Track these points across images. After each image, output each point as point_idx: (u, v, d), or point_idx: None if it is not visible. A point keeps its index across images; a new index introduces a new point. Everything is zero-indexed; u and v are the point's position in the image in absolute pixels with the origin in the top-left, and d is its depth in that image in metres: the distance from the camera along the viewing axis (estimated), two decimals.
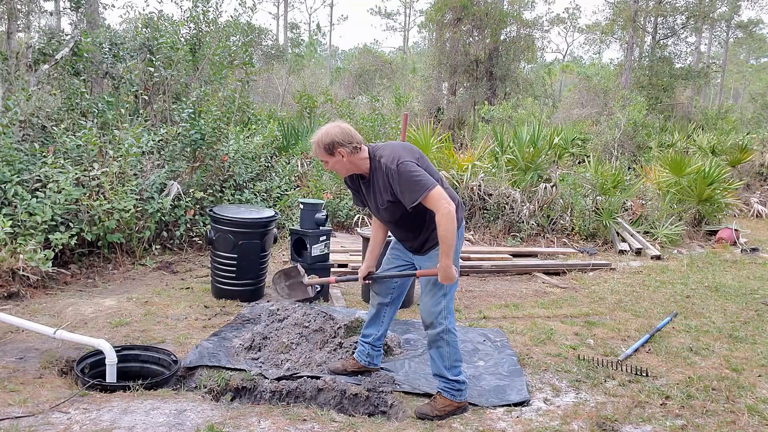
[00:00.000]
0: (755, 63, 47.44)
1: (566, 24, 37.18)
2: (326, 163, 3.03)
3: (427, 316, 3.15)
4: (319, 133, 3.00)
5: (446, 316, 3.13)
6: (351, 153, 2.96)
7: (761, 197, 13.24)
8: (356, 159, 2.99)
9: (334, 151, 2.95)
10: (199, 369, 3.65)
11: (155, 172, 6.62)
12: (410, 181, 2.84)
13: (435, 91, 20.32)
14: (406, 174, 2.84)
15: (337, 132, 2.95)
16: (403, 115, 5.37)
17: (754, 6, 48.84)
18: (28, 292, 4.97)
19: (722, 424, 3.19)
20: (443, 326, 3.12)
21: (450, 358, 3.17)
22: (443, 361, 3.17)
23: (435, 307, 3.11)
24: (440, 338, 3.15)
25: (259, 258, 5.19)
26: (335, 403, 3.41)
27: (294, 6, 50.02)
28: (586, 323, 4.93)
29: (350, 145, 2.95)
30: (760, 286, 6.52)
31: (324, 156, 3.00)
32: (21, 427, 2.76)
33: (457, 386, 3.20)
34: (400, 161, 2.87)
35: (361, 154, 3.00)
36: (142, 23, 9.08)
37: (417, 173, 2.84)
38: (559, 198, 8.87)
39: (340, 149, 2.94)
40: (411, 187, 2.84)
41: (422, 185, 2.83)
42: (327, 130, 2.98)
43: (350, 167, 3.03)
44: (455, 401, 3.18)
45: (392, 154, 2.93)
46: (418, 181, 2.83)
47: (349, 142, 2.94)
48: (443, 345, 3.16)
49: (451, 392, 3.19)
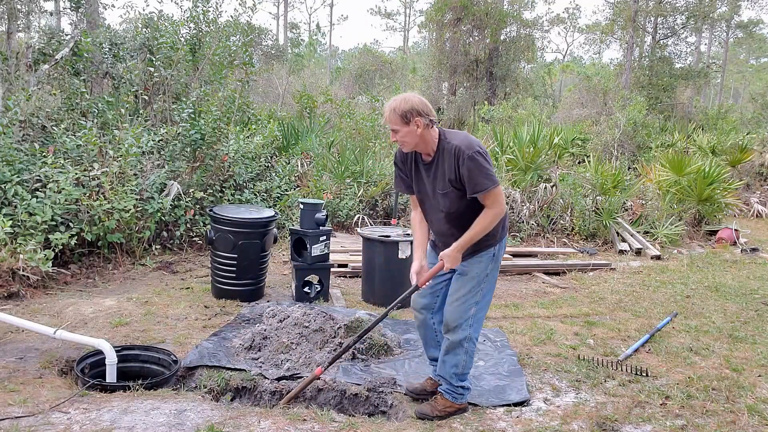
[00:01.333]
0: (755, 63, 47.46)
1: (566, 24, 37.24)
2: (395, 132, 2.87)
3: (453, 319, 3.01)
4: (398, 99, 2.86)
5: (472, 324, 3.01)
6: (426, 126, 2.84)
7: (761, 197, 13.24)
8: (428, 134, 2.86)
9: (411, 119, 2.81)
10: (199, 369, 3.65)
11: (155, 172, 6.62)
12: (481, 171, 2.78)
13: (435, 91, 20.33)
14: (478, 163, 2.77)
15: (418, 101, 2.84)
16: None
17: (754, 6, 48.87)
18: (28, 292, 4.97)
19: (722, 424, 3.19)
20: (467, 334, 3.01)
21: (464, 367, 3.09)
22: (456, 369, 3.08)
23: (465, 312, 2.99)
24: (460, 345, 3.03)
25: (259, 258, 5.19)
26: (335, 403, 3.41)
27: (294, 6, 50.02)
28: (586, 323, 4.93)
29: (428, 117, 2.83)
30: (760, 286, 6.52)
31: (398, 124, 2.84)
32: (21, 427, 2.76)
33: (461, 391, 3.16)
34: (476, 150, 2.79)
35: (434, 132, 2.88)
36: (142, 23, 9.08)
37: (488, 166, 2.81)
38: (559, 198, 8.87)
39: (418, 119, 2.81)
40: (479, 177, 2.78)
41: (491, 179, 2.79)
42: (406, 97, 2.85)
43: (419, 142, 2.88)
44: (456, 403, 3.16)
45: (468, 140, 2.85)
46: (487, 173, 2.79)
47: (427, 114, 2.83)
48: (461, 353, 3.05)
49: (453, 395, 3.16)
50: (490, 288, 3.07)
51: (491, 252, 3.00)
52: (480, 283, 3.01)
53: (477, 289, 3.00)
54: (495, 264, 3.03)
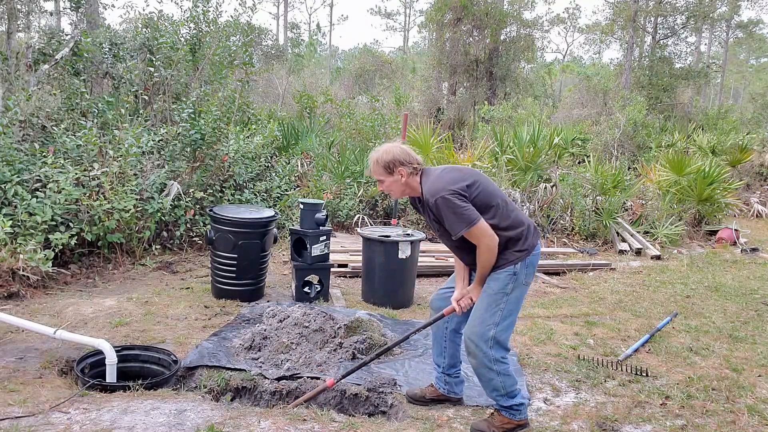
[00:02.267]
0: (755, 63, 47.44)
1: (566, 24, 37.18)
2: (381, 182, 2.93)
3: (471, 340, 2.87)
4: (380, 151, 2.91)
5: (492, 345, 2.84)
6: (410, 174, 2.87)
7: (761, 197, 13.25)
8: (413, 181, 2.90)
9: (394, 170, 2.86)
10: (199, 369, 3.65)
11: (155, 172, 6.62)
12: (449, 216, 2.76)
13: (435, 91, 20.31)
14: (443, 209, 2.75)
15: (399, 151, 2.88)
16: (403, 115, 5.38)
17: (754, 6, 48.81)
18: (28, 292, 4.97)
19: (722, 424, 3.19)
20: (489, 356, 2.84)
21: (505, 388, 2.91)
22: (497, 392, 2.93)
23: (484, 333, 2.84)
24: (489, 369, 2.86)
25: (259, 258, 5.19)
26: (335, 403, 3.41)
27: (294, 6, 50.02)
28: (586, 323, 4.93)
29: (410, 165, 2.86)
30: (760, 286, 6.52)
31: (382, 174, 2.90)
32: (21, 427, 2.76)
33: (516, 408, 2.98)
34: (439, 195, 2.75)
35: (418, 177, 2.90)
36: (142, 23, 9.08)
37: (456, 208, 2.73)
38: (559, 198, 8.87)
39: (401, 168, 2.86)
40: (450, 221, 2.77)
41: (463, 219, 2.74)
42: (388, 148, 2.91)
43: (406, 189, 2.93)
44: (514, 419, 2.97)
45: (435, 186, 2.80)
46: (458, 216, 2.74)
47: (409, 162, 2.86)
48: (494, 376, 2.88)
49: (509, 412, 2.98)
50: (512, 309, 2.89)
51: (510, 270, 2.85)
52: (498, 302, 2.85)
53: (495, 309, 2.85)
54: (516, 283, 2.86)
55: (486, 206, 2.82)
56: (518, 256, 2.85)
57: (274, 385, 3.48)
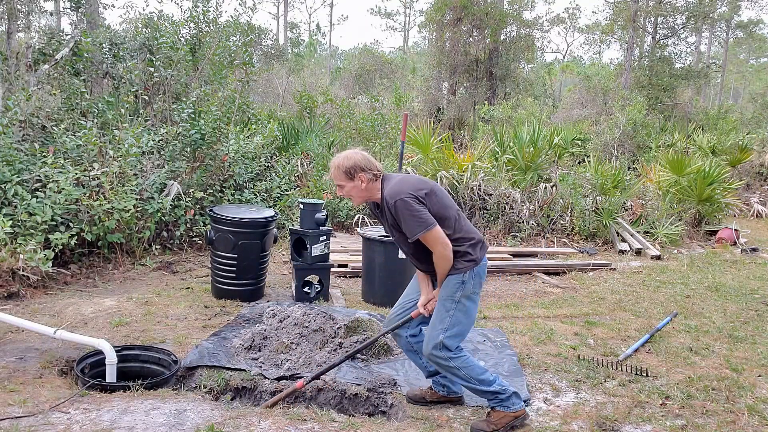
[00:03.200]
0: (755, 63, 47.42)
1: (566, 24, 37.18)
2: (341, 187, 2.98)
3: (424, 347, 3.03)
4: (340, 157, 2.97)
5: (441, 348, 2.96)
6: (370, 180, 2.94)
7: (761, 197, 13.25)
8: (373, 187, 2.96)
9: (355, 175, 2.92)
10: (199, 369, 3.65)
11: (155, 172, 6.62)
12: (406, 218, 2.84)
13: (435, 91, 20.31)
14: (402, 211, 2.83)
15: (360, 157, 2.94)
16: (403, 115, 5.38)
17: (754, 6, 48.83)
18: (28, 292, 4.97)
19: (722, 424, 3.19)
20: (439, 356, 2.97)
21: (471, 377, 3.01)
22: (468, 383, 3.03)
23: (435, 338, 2.97)
24: (447, 367, 3.00)
25: (259, 258, 5.19)
26: (335, 403, 3.41)
27: (294, 6, 50.03)
28: (586, 323, 4.93)
29: (371, 171, 2.93)
30: (760, 286, 6.52)
31: (343, 180, 2.95)
32: (21, 427, 2.76)
33: (501, 396, 3.03)
34: (398, 198, 2.83)
35: (377, 184, 2.97)
36: (142, 23, 9.08)
37: (414, 212, 2.82)
38: (559, 198, 8.87)
39: (361, 174, 2.92)
40: (406, 224, 2.85)
41: (420, 224, 2.82)
42: (348, 154, 2.97)
43: (366, 195, 2.99)
44: (510, 411, 3.02)
45: (395, 188, 2.89)
46: (415, 219, 2.82)
47: (370, 168, 2.93)
48: (456, 371, 3.00)
49: (501, 404, 3.03)
50: (461, 318, 2.98)
51: (459, 279, 2.95)
52: (448, 309, 2.96)
53: (444, 315, 2.96)
54: (464, 292, 2.95)
55: (441, 217, 2.90)
56: (466, 266, 2.96)
57: (274, 385, 3.48)
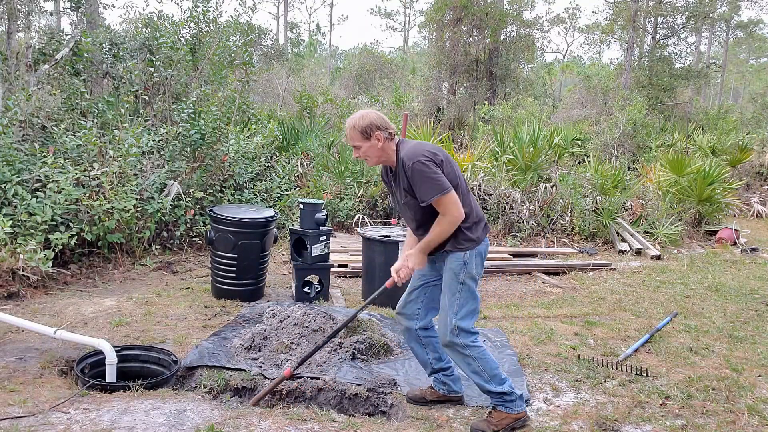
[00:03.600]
0: (755, 63, 47.42)
1: (566, 24, 37.17)
2: (357, 148, 2.92)
3: (442, 334, 3.02)
4: (356, 117, 2.90)
5: (458, 334, 2.95)
6: (386, 139, 2.89)
7: (761, 197, 13.25)
8: (389, 147, 2.91)
9: (371, 134, 2.86)
10: (199, 369, 3.65)
11: (155, 172, 6.62)
12: (424, 181, 2.79)
13: (435, 91, 20.31)
14: (419, 173, 2.79)
15: (375, 116, 2.89)
16: (403, 115, 5.38)
17: (754, 6, 48.82)
18: (28, 292, 4.97)
19: (722, 424, 3.19)
20: (457, 342, 2.96)
21: (485, 370, 2.99)
22: (480, 377, 3.01)
23: (448, 324, 2.97)
24: (463, 356, 2.98)
25: (259, 258, 5.19)
26: (335, 403, 3.41)
27: (294, 6, 50.03)
28: (586, 323, 4.93)
29: (386, 130, 2.88)
30: (760, 286, 6.52)
31: (359, 140, 2.88)
32: (21, 427, 2.76)
33: (508, 397, 3.02)
34: (417, 159, 2.80)
35: (393, 144, 2.93)
36: (142, 23, 9.09)
37: (432, 174, 2.78)
38: (559, 198, 8.87)
39: (377, 133, 2.86)
40: (423, 186, 2.79)
41: (436, 187, 2.78)
42: (363, 114, 2.91)
43: (381, 155, 2.92)
44: (511, 413, 3.01)
45: (413, 150, 2.85)
46: (432, 182, 2.78)
47: (386, 127, 2.88)
48: (471, 361, 2.98)
49: (504, 405, 3.02)
50: (468, 297, 2.98)
51: (461, 259, 2.94)
52: (453, 292, 2.97)
53: (452, 299, 2.97)
54: (467, 272, 2.95)
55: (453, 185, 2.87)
56: (468, 245, 2.94)
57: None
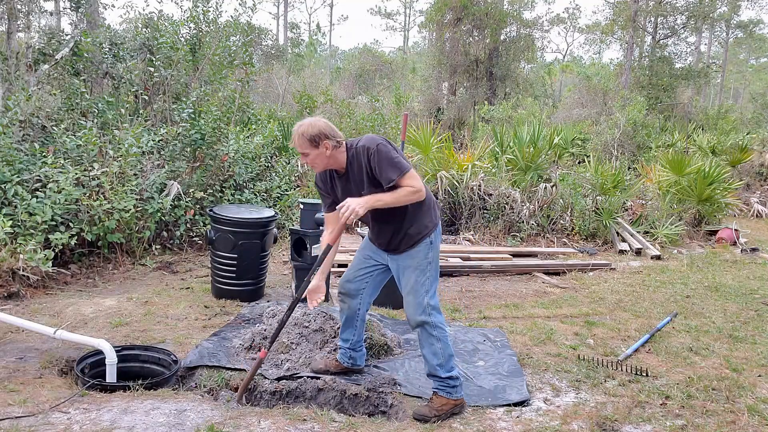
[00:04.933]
0: (755, 63, 47.41)
1: (566, 24, 37.18)
2: (306, 155, 3.00)
3: (412, 314, 3.15)
4: (304, 125, 2.98)
5: (430, 312, 3.12)
6: (334, 147, 2.97)
7: (761, 197, 13.25)
8: (337, 153, 3.01)
9: (320, 143, 2.94)
10: (199, 369, 3.65)
11: (155, 172, 6.62)
12: (389, 161, 2.91)
13: (435, 91, 20.32)
14: (385, 153, 2.92)
15: (324, 125, 2.97)
16: (403, 115, 5.37)
17: (754, 6, 48.85)
18: (28, 292, 4.97)
19: (722, 424, 3.19)
20: (429, 321, 3.12)
21: (443, 354, 3.16)
22: (437, 359, 3.16)
23: (420, 303, 3.12)
24: (429, 335, 3.14)
25: (259, 258, 5.19)
26: (335, 403, 3.41)
27: (294, 6, 50.05)
28: (586, 323, 4.93)
29: (335, 139, 2.96)
30: (760, 286, 6.52)
31: (307, 147, 2.97)
32: (21, 427, 2.76)
33: (452, 383, 3.18)
34: (378, 143, 2.95)
35: (341, 149, 3.02)
36: (142, 23, 9.08)
37: (395, 155, 2.94)
38: (559, 198, 8.87)
39: (326, 141, 2.94)
40: (389, 167, 2.91)
41: (401, 165, 2.92)
42: (312, 122, 2.98)
43: (329, 162, 3.03)
44: (452, 398, 3.17)
45: (369, 138, 3.01)
46: (396, 161, 2.92)
47: (334, 136, 2.97)
48: (434, 342, 3.15)
49: (446, 390, 3.18)
50: (435, 274, 3.18)
51: (428, 241, 3.13)
52: (424, 271, 3.12)
53: (423, 278, 3.12)
54: (435, 251, 3.16)
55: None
56: (431, 227, 3.14)
57: (274, 385, 3.48)
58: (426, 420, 3.08)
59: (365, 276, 3.37)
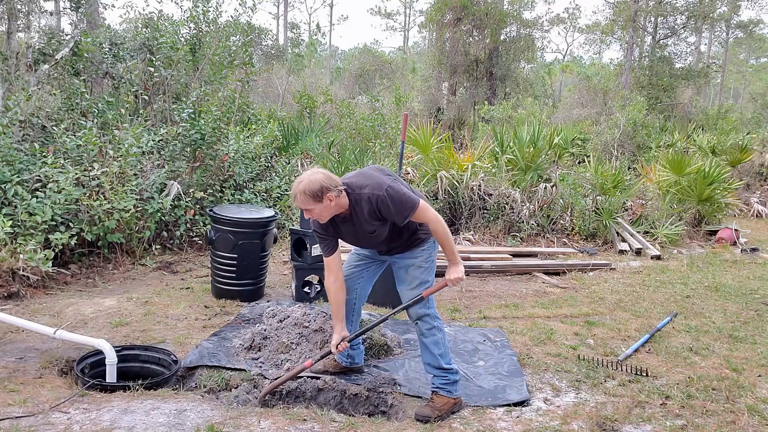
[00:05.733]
0: (755, 63, 47.41)
1: (566, 24, 37.13)
2: (310, 211, 2.93)
3: (415, 308, 3.20)
4: (303, 182, 2.87)
5: (430, 306, 3.23)
6: (337, 196, 2.91)
7: (761, 197, 13.24)
8: (340, 201, 2.94)
9: (323, 197, 2.86)
10: (199, 369, 3.65)
11: (155, 172, 6.62)
12: (400, 201, 2.93)
13: (435, 91, 20.32)
14: (395, 196, 2.92)
15: (323, 177, 2.87)
16: (403, 115, 5.37)
17: (754, 6, 48.87)
18: (28, 292, 4.97)
19: (722, 424, 3.19)
20: (430, 313, 3.21)
21: (444, 345, 3.24)
22: (438, 348, 3.21)
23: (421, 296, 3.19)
24: (432, 326, 3.21)
25: (259, 258, 5.19)
26: (335, 403, 3.41)
27: (294, 6, 50.04)
28: (586, 323, 4.93)
29: (336, 188, 2.89)
30: (760, 286, 6.52)
31: (311, 204, 2.88)
32: (21, 427, 2.76)
33: (452, 377, 3.23)
34: (385, 187, 2.91)
35: (343, 197, 2.95)
36: (142, 23, 9.08)
37: (402, 192, 2.95)
38: (559, 198, 8.87)
39: (329, 194, 2.86)
40: (402, 207, 2.94)
41: (411, 202, 2.95)
42: (311, 178, 2.87)
43: (334, 210, 2.96)
44: (452, 397, 3.20)
45: (374, 182, 2.95)
46: (404, 200, 2.94)
47: (335, 186, 2.88)
48: (435, 332, 3.22)
49: (446, 388, 3.22)
50: (434, 272, 3.31)
51: (430, 242, 3.24)
52: (428, 269, 3.26)
53: (426, 275, 3.24)
54: (436, 249, 3.29)
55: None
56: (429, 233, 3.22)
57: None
58: (428, 420, 3.09)
59: (361, 270, 3.43)
